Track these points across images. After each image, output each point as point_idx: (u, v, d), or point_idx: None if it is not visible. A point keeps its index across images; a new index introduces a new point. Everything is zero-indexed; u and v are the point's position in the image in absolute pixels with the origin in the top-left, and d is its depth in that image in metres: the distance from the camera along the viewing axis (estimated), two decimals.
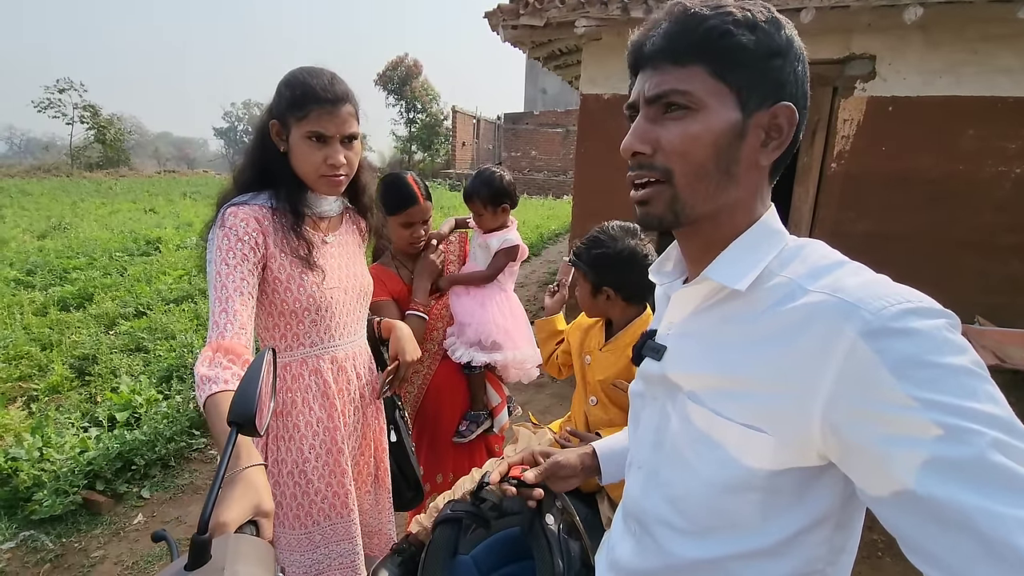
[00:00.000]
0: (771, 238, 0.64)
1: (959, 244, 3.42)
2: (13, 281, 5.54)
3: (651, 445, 0.73)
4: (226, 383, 0.96)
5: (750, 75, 0.60)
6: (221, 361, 0.98)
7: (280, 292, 1.18)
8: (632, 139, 0.64)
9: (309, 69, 1.17)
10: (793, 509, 0.59)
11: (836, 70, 3.53)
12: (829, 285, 0.55)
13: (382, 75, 31.63)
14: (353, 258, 1.35)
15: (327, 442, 1.25)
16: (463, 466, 1.79)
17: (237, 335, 1.02)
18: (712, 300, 0.66)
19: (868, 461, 0.50)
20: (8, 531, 2.27)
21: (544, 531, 0.86)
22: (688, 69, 0.60)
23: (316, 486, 1.25)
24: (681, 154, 0.61)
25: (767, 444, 0.57)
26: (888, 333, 0.49)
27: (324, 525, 1.28)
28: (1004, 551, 0.42)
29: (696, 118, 0.60)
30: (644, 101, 0.63)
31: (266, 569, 0.64)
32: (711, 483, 0.63)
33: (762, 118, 0.61)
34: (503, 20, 4.09)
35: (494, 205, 1.73)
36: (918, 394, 0.46)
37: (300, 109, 1.13)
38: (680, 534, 0.67)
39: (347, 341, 1.31)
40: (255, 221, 1.14)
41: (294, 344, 1.23)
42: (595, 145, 4.24)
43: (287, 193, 1.19)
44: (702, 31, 0.59)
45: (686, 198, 0.62)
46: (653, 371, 0.72)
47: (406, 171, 1.70)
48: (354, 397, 1.34)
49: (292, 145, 1.16)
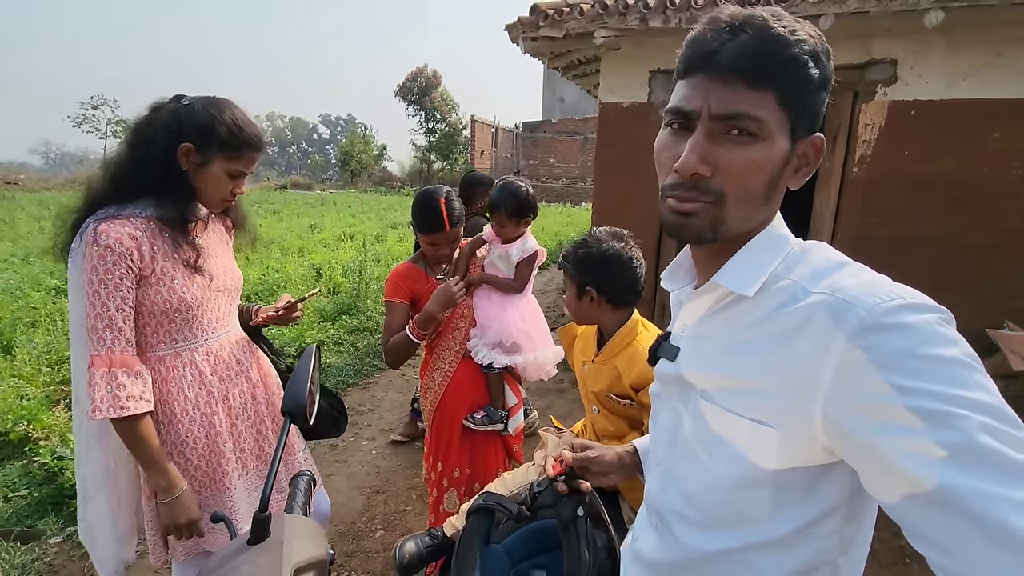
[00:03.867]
0: (776, 243, 0.67)
1: (986, 248, 3.37)
2: (53, 289, 5.78)
3: (667, 443, 0.76)
4: (148, 403, 1.18)
5: (805, 106, 0.61)
6: (125, 374, 1.14)
7: (151, 296, 1.23)
8: (694, 159, 0.60)
9: (242, 116, 1.28)
10: (802, 502, 0.62)
11: (857, 75, 3.52)
12: (829, 285, 0.58)
13: (402, 86, 32.17)
14: (223, 255, 1.43)
15: (204, 426, 1.35)
16: (479, 462, 1.86)
17: (124, 350, 1.16)
18: (721, 304, 0.69)
19: (866, 453, 0.52)
20: (55, 526, 2.39)
21: (575, 524, 0.90)
22: (761, 93, 0.58)
23: (195, 463, 1.35)
24: (741, 181, 0.61)
25: (773, 439, 0.60)
26: (880, 328, 0.51)
27: (205, 495, 1.37)
28: (997, 531, 0.43)
29: (761, 147, 0.60)
30: (710, 116, 0.60)
31: (319, 546, 0.70)
32: (722, 478, 0.66)
33: (801, 147, 0.63)
34: (523, 32, 4.16)
35: (518, 217, 1.79)
36: (907, 384, 0.48)
37: (236, 151, 1.25)
38: (694, 527, 0.70)
39: (221, 333, 1.40)
40: (129, 238, 1.18)
41: (167, 340, 1.30)
42: (614, 153, 4.28)
43: (179, 205, 1.25)
44: (785, 58, 0.57)
45: (730, 220, 0.63)
46: (668, 371, 0.75)
47: (441, 190, 1.73)
48: (238, 381, 1.43)
49: (207, 172, 1.25)
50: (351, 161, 32.52)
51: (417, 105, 32.01)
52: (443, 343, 1.84)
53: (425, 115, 32.08)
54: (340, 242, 9.71)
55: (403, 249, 8.69)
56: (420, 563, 1.21)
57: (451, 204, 1.70)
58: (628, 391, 1.37)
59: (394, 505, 2.70)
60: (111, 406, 1.13)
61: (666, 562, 0.74)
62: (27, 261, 7.26)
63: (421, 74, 31.92)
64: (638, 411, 1.38)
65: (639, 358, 1.35)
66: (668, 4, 3.50)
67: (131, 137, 1.27)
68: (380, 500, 2.74)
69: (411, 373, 4.45)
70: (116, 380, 1.15)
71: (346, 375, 4.23)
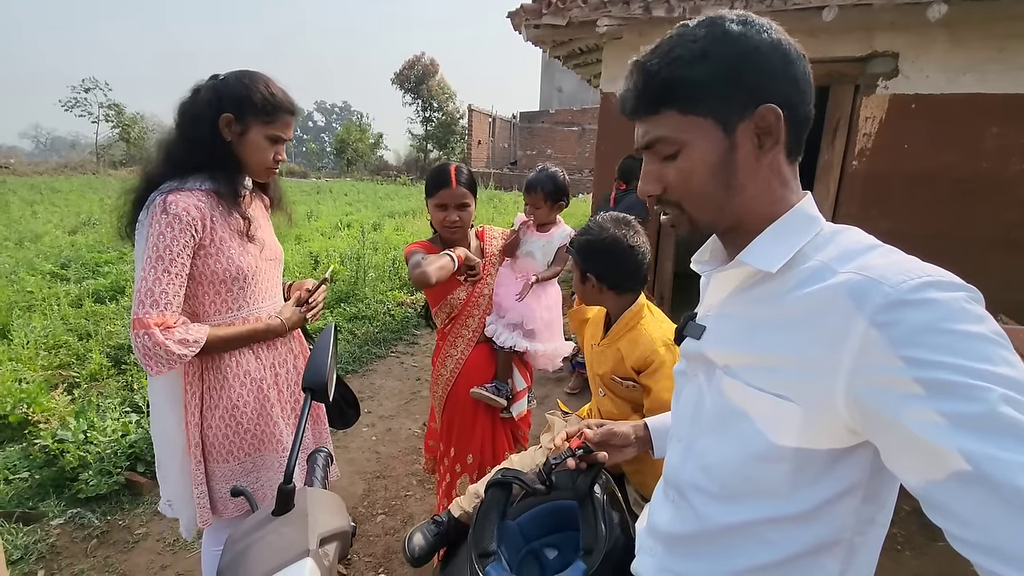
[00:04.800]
0: (805, 223, 0.68)
1: (983, 242, 3.40)
2: (49, 274, 5.74)
3: (689, 418, 0.78)
4: (198, 342, 1.24)
5: (716, 98, 0.65)
6: (166, 331, 1.19)
7: (211, 265, 1.30)
8: (644, 185, 0.73)
9: (274, 80, 1.35)
10: (822, 480, 0.63)
11: (858, 68, 3.53)
12: (858, 266, 0.58)
13: (399, 74, 31.88)
14: (266, 227, 1.50)
15: (254, 391, 1.42)
16: (489, 448, 1.87)
17: (174, 315, 1.23)
18: (748, 283, 0.71)
19: (886, 427, 0.53)
20: (57, 508, 2.39)
21: (592, 499, 0.92)
22: (662, 115, 0.68)
23: (246, 426, 1.42)
24: (684, 190, 0.69)
25: (795, 414, 0.60)
26: (905, 304, 0.52)
27: (255, 456, 1.46)
28: (1014, 496, 0.43)
29: (684, 156, 0.68)
30: (642, 149, 0.72)
31: (342, 517, 0.72)
32: (742, 451, 0.67)
33: (747, 126, 0.65)
34: (526, 20, 4.15)
35: (554, 200, 1.84)
36: (929, 357, 0.49)
37: (270, 115, 1.32)
38: (713, 498, 0.71)
39: (269, 303, 1.47)
40: (195, 208, 1.26)
41: (223, 308, 1.37)
42: (614, 143, 4.29)
43: (228, 176, 1.33)
44: (656, 84, 0.66)
45: (698, 219, 0.71)
46: (693, 349, 0.77)
47: (453, 161, 1.80)
48: (281, 352, 1.50)
49: (248, 140, 1.32)
50: (347, 149, 32.31)
51: (414, 93, 31.76)
52: (456, 330, 1.85)
53: (422, 104, 31.85)
54: (337, 230, 9.67)
55: (400, 238, 8.67)
56: (431, 552, 1.23)
57: (460, 168, 1.75)
58: (631, 373, 1.39)
59: (394, 490, 2.72)
60: (166, 359, 1.19)
61: (683, 534, 0.75)
62: (21, 245, 7.20)
63: (418, 62, 31.64)
64: (641, 393, 1.40)
65: (641, 341, 1.36)
66: None
67: (179, 118, 1.34)
68: (381, 485, 2.76)
69: (410, 362, 4.47)
70: (160, 338, 1.19)
71: (345, 363, 4.24)
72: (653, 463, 1.13)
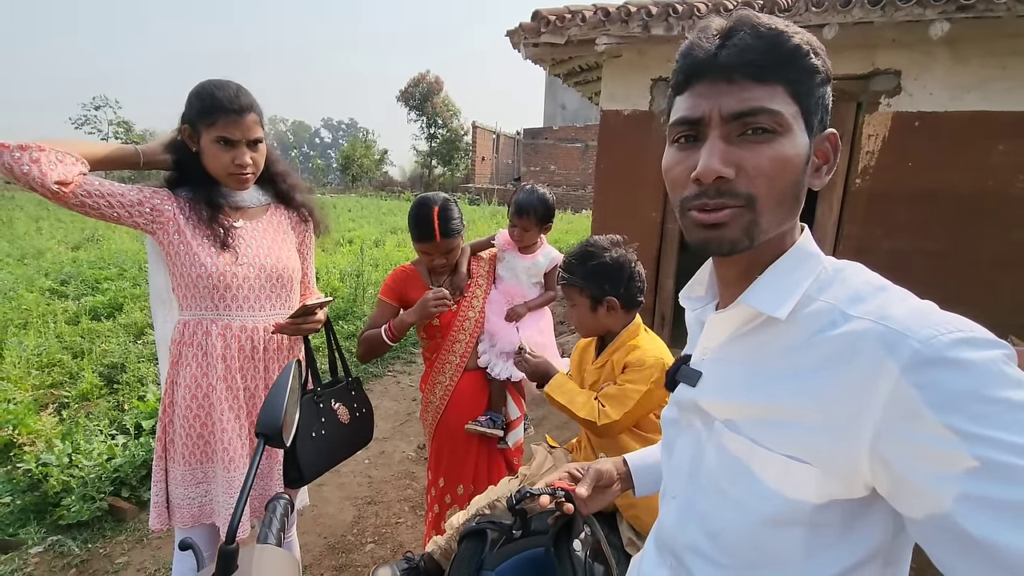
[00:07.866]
0: (808, 262, 0.62)
1: (989, 261, 3.33)
2: (48, 291, 5.72)
3: (686, 475, 0.70)
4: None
5: (815, 98, 0.58)
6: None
7: (182, 260, 1.37)
8: (715, 161, 0.56)
9: (216, 82, 1.35)
10: (839, 545, 0.57)
11: (860, 85, 3.49)
12: (874, 311, 0.53)
13: (404, 91, 32.27)
14: (272, 244, 1.49)
15: (198, 396, 1.41)
16: (483, 478, 1.79)
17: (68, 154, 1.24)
18: (750, 326, 0.64)
19: (917, 495, 0.48)
20: (37, 535, 2.32)
21: (571, 556, 0.85)
22: (771, 87, 0.56)
23: (187, 430, 1.41)
24: (769, 180, 0.56)
25: (811, 475, 0.55)
26: (939, 363, 0.47)
27: (207, 466, 1.44)
28: None
29: (783, 142, 0.56)
30: (722, 118, 0.57)
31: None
32: (752, 517, 0.60)
33: (819, 143, 0.61)
34: (524, 38, 4.14)
35: (543, 223, 1.79)
36: (972, 430, 0.44)
37: (210, 116, 1.31)
38: (719, 569, 0.64)
39: (247, 315, 1.44)
40: (170, 199, 1.37)
41: (192, 305, 1.41)
42: (615, 161, 4.25)
43: (205, 187, 1.39)
44: (788, 48, 0.56)
45: (764, 224, 0.58)
46: (687, 397, 0.70)
47: (438, 198, 1.66)
48: (254, 367, 1.47)
49: (203, 147, 1.36)
50: (352, 165, 32.52)
51: (419, 111, 32.08)
52: (443, 356, 1.78)
53: (427, 121, 32.14)
54: (338, 246, 9.66)
55: (401, 254, 8.64)
56: None
57: (446, 214, 1.62)
58: (617, 376, 1.39)
59: (385, 517, 2.64)
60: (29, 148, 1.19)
61: None
62: (22, 262, 7.20)
63: (423, 80, 32.00)
64: None
65: (631, 349, 1.39)
66: (671, 12, 3.48)
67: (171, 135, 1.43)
68: (371, 512, 2.68)
69: (406, 381, 4.40)
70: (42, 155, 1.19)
71: None
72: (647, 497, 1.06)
